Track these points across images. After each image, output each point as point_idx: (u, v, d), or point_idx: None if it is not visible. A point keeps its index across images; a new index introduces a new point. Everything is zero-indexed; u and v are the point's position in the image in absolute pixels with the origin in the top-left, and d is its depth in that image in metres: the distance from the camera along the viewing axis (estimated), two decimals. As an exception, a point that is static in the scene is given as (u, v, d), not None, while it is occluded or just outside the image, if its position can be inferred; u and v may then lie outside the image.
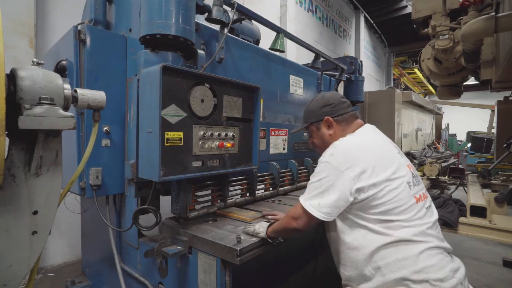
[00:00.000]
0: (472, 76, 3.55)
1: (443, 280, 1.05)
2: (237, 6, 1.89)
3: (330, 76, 3.25)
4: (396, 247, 1.10)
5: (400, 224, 1.11)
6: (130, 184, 1.62)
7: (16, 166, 0.94)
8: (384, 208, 1.12)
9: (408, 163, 1.29)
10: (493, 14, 1.89)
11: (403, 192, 1.15)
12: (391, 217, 1.12)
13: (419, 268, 1.06)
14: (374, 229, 1.13)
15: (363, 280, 1.17)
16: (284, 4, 6.49)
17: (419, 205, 1.18)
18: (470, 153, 10.89)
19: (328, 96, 1.49)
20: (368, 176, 1.13)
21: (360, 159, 1.16)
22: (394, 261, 1.09)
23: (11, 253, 0.95)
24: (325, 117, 1.42)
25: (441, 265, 1.08)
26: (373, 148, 1.23)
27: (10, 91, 0.87)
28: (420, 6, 3.39)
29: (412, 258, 1.07)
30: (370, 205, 1.14)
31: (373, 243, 1.13)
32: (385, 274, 1.10)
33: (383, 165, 1.17)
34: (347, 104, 1.45)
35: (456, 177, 3.89)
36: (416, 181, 1.25)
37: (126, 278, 1.74)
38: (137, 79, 1.50)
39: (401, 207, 1.13)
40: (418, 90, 17.95)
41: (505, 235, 2.07)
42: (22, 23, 2.82)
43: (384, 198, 1.12)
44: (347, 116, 1.41)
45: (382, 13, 11.50)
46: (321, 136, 1.46)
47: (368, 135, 1.34)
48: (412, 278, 1.06)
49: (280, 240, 1.46)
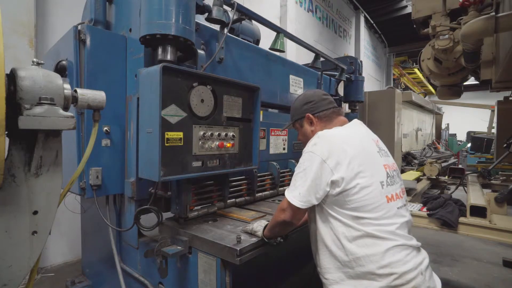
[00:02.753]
0: (472, 76, 3.55)
1: (407, 272, 1.13)
2: (237, 6, 1.89)
3: (330, 76, 3.25)
4: (365, 244, 1.16)
5: (369, 222, 1.17)
6: (130, 202, 1.66)
7: (16, 166, 0.94)
8: (356, 205, 1.17)
9: (387, 163, 1.32)
10: (493, 14, 1.89)
11: (375, 191, 1.19)
12: (361, 214, 1.17)
13: (384, 264, 1.14)
14: (346, 223, 1.19)
15: (335, 270, 1.23)
16: (284, 4, 6.49)
17: (390, 204, 1.21)
18: (470, 153, 10.89)
19: (309, 94, 1.53)
20: (344, 169, 1.17)
21: (341, 151, 1.20)
22: (363, 256, 1.15)
23: (11, 253, 0.95)
24: (306, 114, 1.47)
25: (405, 260, 1.16)
26: (354, 143, 1.25)
27: (10, 91, 0.87)
28: (420, 6, 3.39)
29: (379, 255, 1.14)
30: (343, 200, 1.18)
31: (344, 236, 1.19)
32: (354, 267, 1.17)
33: (359, 161, 1.20)
34: (328, 101, 1.48)
35: (456, 177, 3.88)
36: (391, 181, 1.28)
37: (126, 278, 1.74)
38: (137, 98, 1.51)
39: (371, 205, 1.17)
40: (418, 90, 17.94)
41: (505, 235, 2.06)
42: (22, 23, 2.82)
43: (356, 195, 1.17)
44: (329, 113, 1.44)
45: (382, 13, 11.49)
46: (304, 132, 1.51)
47: (353, 130, 1.37)
48: (378, 272, 1.13)
49: (280, 240, 1.46)
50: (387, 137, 4.07)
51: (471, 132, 13.25)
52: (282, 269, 1.99)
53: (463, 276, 3.45)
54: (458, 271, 3.56)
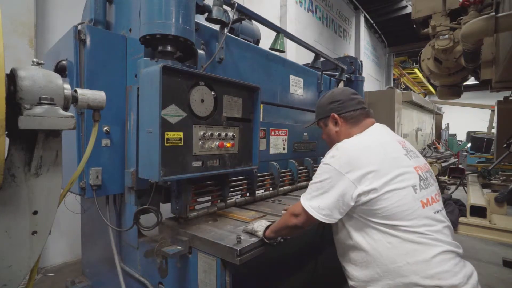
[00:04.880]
0: (472, 76, 3.55)
1: (457, 286, 1.02)
2: (237, 6, 1.89)
3: (330, 76, 3.25)
4: (406, 251, 1.06)
5: (406, 229, 1.07)
6: (130, 192, 1.63)
7: (16, 166, 0.94)
8: (387, 213, 1.08)
9: (418, 164, 1.22)
10: (493, 14, 1.89)
11: (407, 196, 1.10)
12: (395, 222, 1.08)
13: (431, 274, 1.02)
14: (381, 230, 1.10)
15: (371, 281, 1.13)
16: (284, 4, 6.49)
17: (426, 210, 1.12)
18: (470, 153, 10.89)
19: (337, 92, 1.44)
20: (369, 179, 1.10)
21: (362, 162, 1.12)
22: (405, 265, 1.05)
23: (11, 253, 0.94)
24: (331, 114, 1.39)
25: (454, 271, 1.05)
26: (377, 151, 1.17)
27: (10, 91, 0.87)
28: (420, 6, 3.39)
29: (424, 263, 1.03)
30: (373, 209, 1.10)
31: (381, 243, 1.10)
32: (395, 277, 1.06)
33: (386, 169, 1.12)
34: (356, 101, 1.38)
35: (456, 177, 3.88)
36: (425, 184, 1.18)
37: (126, 278, 1.74)
38: (137, 88, 1.50)
39: (404, 212, 1.08)
40: (418, 90, 17.95)
41: (505, 235, 2.06)
42: (22, 23, 2.82)
43: (386, 202, 1.08)
44: (356, 114, 1.36)
45: (382, 13, 11.49)
46: (328, 132, 1.44)
47: (375, 136, 1.28)
48: (423, 283, 1.02)
49: (280, 240, 1.46)
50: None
51: (471, 132, 13.26)
52: (282, 269, 1.99)
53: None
54: (458, 271, 3.55)
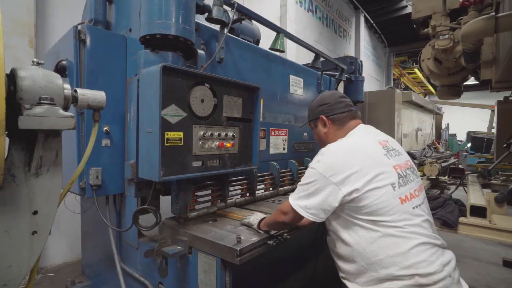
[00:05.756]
0: (472, 76, 3.55)
1: (434, 273, 1.11)
2: (237, 6, 1.89)
3: (330, 76, 3.25)
4: (386, 245, 1.16)
5: (386, 224, 1.17)
6: (130, 184, 1.62)
7: (16, 166, 0.94)
8: (369, 210, 1.18)
9: (398, 163, 1.31)
10: (493, 14, 1.89)
11: (386, 194, 1.19)
12: (376, 218, 1.18)
13: (409, 264, 1.12)
14: (364, 226, 1.20)
15: (358, 274, 1.24)
16: (284, 4, 6.48)
17: (404, 206, 1.21)
18: (470, 153, 10.90)
19: (326, 95, 1.56)
20: (352, 181, 1.19)
21: (344, 166, 1.21)
22: (385, 257, 1.15)
23: (11, 253, 0.94)
24: (320, 116, 1.50)
25: (430, 260, 1.14)
26: (357, 154, 1.26)
27: (10, 91, 0.87)
28: (420, 6, 3.39)
29: (402, 255, 1.13)
30: (357, 207, 1.20)
31: (364, 239, 1.20)
32: (377, 269, 1.17)
33: (366, 169, 1.20)
34: (344, 104, 1.48)
35: (456, 177, 3.87)
36: (404, 181, 1.27)
37: (126, 278, 1.74)
38: (137, 79, 1.50)
39: (384, 208, 1.17)
40: (418, 90, 17.93)
41: (505, 235, 2.06)
42: (22, 23, 2.82)
43: (367, 200, 1.17)
44: (342, 116, 1.46)
45: (382, 13, 11.48)
46: (317, 133, 1.56)
47: (356, 139, 1.37)
48: (401, 273, 1.12)
49: (280, 240, 1.47)
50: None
51: (471, 132, 13.26)
52: (282, 269, 1.99)
53: (463, 276, 3.39)
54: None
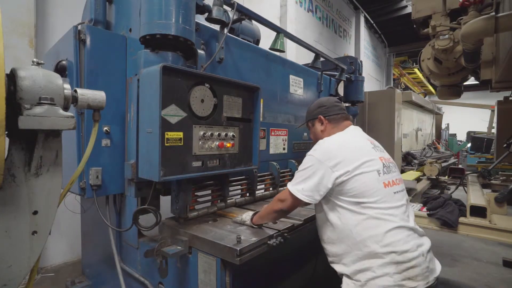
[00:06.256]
0: (472, 76, 3.55)
1: (408, 251, 1.27)
2: (237, 6, 1.89)
3: (330, 76, 3.25)
4: (369, 226, 1.31)
5: (369, 206, 1.32)
6: (130, 184, 1.62)
7: (16, 166, 0.94)
8: (356, 192, 1.34)
9: (382, 156, 1.51)
10: (493, 14, 1.89)
11: (372, 178, 1.36)
12: (362, 199, 1.33)
13: (387, 243, 1.28)
14: (350, 209, 1.35)
15: (345, 255, 1.37)
16: (284, 4, 6.48)
17: (387, 190, 1.38)
18: (470, 153, 10.90)
19: (323, 100, 1.79)
20: (343, 165, 1.36)
21: (337, 153, 1.39)
22: (368, 237, 1.30)
23: (11, 253, 0.94)
24: (318, 116, 1.70)
25: (406, 240, 1.30)
26: (349, 145, 1.46)
27: (10, 91, 0.87)
28: (420, 6, 3.39)
29: (381, 235, 1.29)
30: (345, 189, 1.35)
31: (350, 221, 1.34)
32: (361, 248, 1.31)
33: (355, 157, 1.39)
34: (338, 108, 1.71)
35: (456, 177, 3.87)
36: (387, 170, 1.45)
37: (126, 278, 1.74)
38: (137, 79, 1.50)
39: (369, 190, 1.34)
40: (418, 90, 17.93)
41: (505, 235, 2.06)
42: (22, 23, 2.82)
43: (355, 183, 1.34)
44: (338, 117, 1.68)
45: (382, 13, 11.47)
46: (315, 131, 1.75)
47: (349, 134, 1.58)
48: (381, 251, 1.27)
49: (280, 240, 1.47)
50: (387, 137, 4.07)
51: (471, 132, 13.25)
52: (282, 269, 1.99)
53: (463, 276, 3.45)
54: (458, 271, 3.56)
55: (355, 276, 1.32)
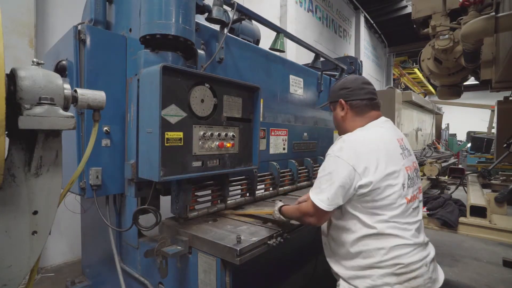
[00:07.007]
0: (472, 76, 3.55)
1: (412, 263, 1.23)
2: (237, 6, 1.89)
3: (330, 76, 3.25)
4: (376, 239, 1.25)
5: (384, 219, 1.24)
6: (130, 184, 1.62)
7: (16, 166, 0.94)
8: (376, 204, 1.24)
9: (408, 164, 1.36)
10: (493, 14, 1.88)
11: (396, 193, 1.25)
12: (378, 211, 1.24)
13: (392, 256, 1.23)
14: (363, 221, 1.26)
15: (346, 258, 1.32)
16: (284, 4, 6.48)
17: (407, 206, 1.28)
18: (470, 153, 10.89)
19: (349, 79, 1.50)
20: (371, 173, 1.22)
21: (366, 157, 1.23)
22: (373, 249, 1.24)
23: (11, 253, 0.94)
24: (339, 100, 1.46)
25: (411, 254, 1.25)
26: (378, 146, 1.28)
27: (10, 91, 0.87)
28: (420, 6, 3.38)
29: (386, 249, 1.23)
30: (365, 199, 1.24)
31: (360, 231, 1.27)
32: (365, 257, 1.26)
33: (384, 165, 1.24)
34: (366, 91, 1.43)
35: (456, 177, 3.87)
36: (411, 183, 1.33)
37: (126, 278, 1.74)
38: (137, 79, 1.50)
39: (390, 205, 1.24)
40: (418, 90, 17.93)
41: (505, 235, 2.06)
42: (22, 23, 2.82)
43: (379, 196, 1.23)
44: (362, 104, 1.41)
45: (382, 13, 11.49)
46: (335, 116, 1.53)
47: (379, 133, 1.36)
48: (386, 263, 1.23)
49: (280, 240, 1.47)
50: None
51: (471, 132, 13.24)
52: (282, 269, 1.99)
53: (463, 276, 3.45)
54: (458, 271, 3.56)
55: (353, 282, 1.28)
